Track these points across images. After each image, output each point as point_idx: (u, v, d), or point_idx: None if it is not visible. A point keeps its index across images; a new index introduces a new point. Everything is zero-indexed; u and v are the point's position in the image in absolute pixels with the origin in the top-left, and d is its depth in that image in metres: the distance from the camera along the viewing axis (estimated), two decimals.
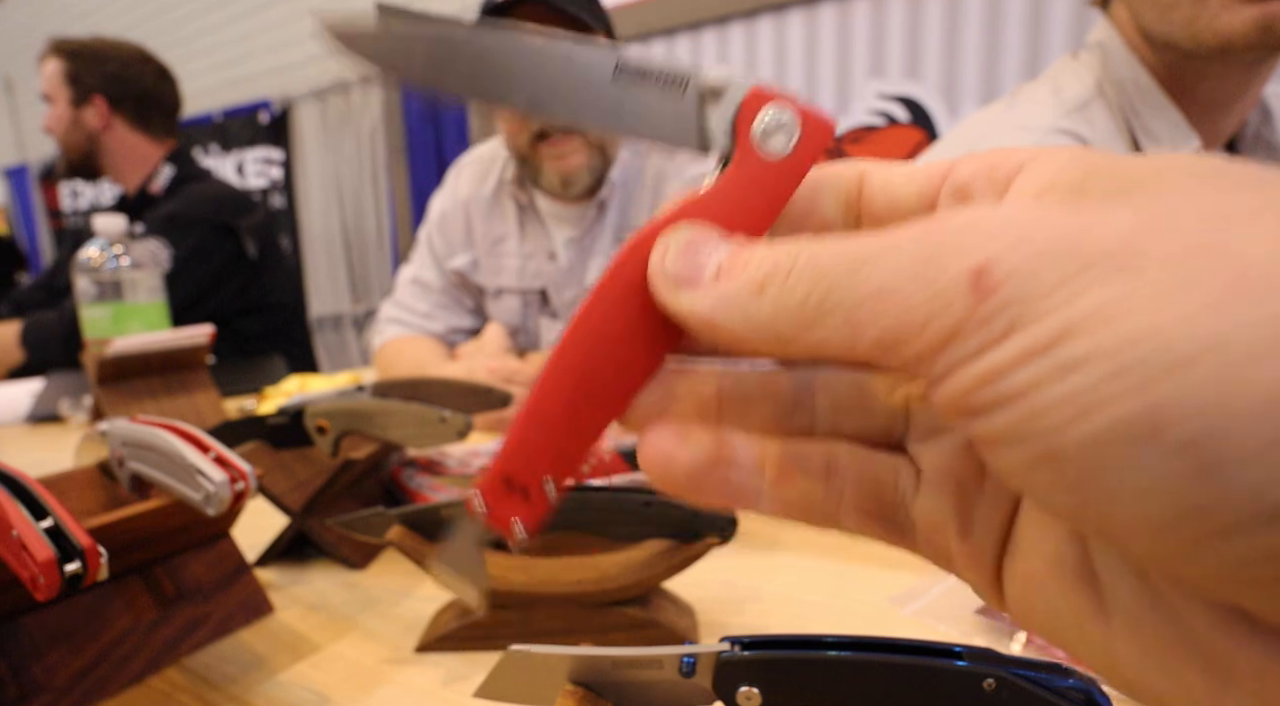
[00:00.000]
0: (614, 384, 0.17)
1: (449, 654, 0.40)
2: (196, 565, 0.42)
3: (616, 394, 0.17)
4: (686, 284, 0.15)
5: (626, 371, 0.17)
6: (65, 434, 0.95)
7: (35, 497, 0.32)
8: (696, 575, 0.40)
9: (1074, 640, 0.14)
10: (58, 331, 1.27)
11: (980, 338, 0.11)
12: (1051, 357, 0.11)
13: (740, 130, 0.16)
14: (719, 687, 0.24)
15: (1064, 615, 0.14)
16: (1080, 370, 0.10)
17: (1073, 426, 0.10)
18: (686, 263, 0.16)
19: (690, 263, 0.16)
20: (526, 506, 0.17)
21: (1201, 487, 0.10)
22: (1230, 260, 0.10)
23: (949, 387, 0.12)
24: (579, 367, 0.17)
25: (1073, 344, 0.10)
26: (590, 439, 0.17)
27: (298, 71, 3.01)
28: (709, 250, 0.16)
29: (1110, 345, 0.10)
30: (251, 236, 1.45)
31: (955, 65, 1.53)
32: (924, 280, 0.12)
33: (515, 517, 0.17)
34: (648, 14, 1.83)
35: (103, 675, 0.37)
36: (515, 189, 1.13)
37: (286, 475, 0.53)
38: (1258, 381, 0.09)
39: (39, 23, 3.86)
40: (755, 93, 0.16)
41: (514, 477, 0.17)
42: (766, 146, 0.16)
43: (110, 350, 0.63)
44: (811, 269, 0.14)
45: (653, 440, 0.17)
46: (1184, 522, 0.10)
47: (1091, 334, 0.10)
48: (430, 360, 1.04)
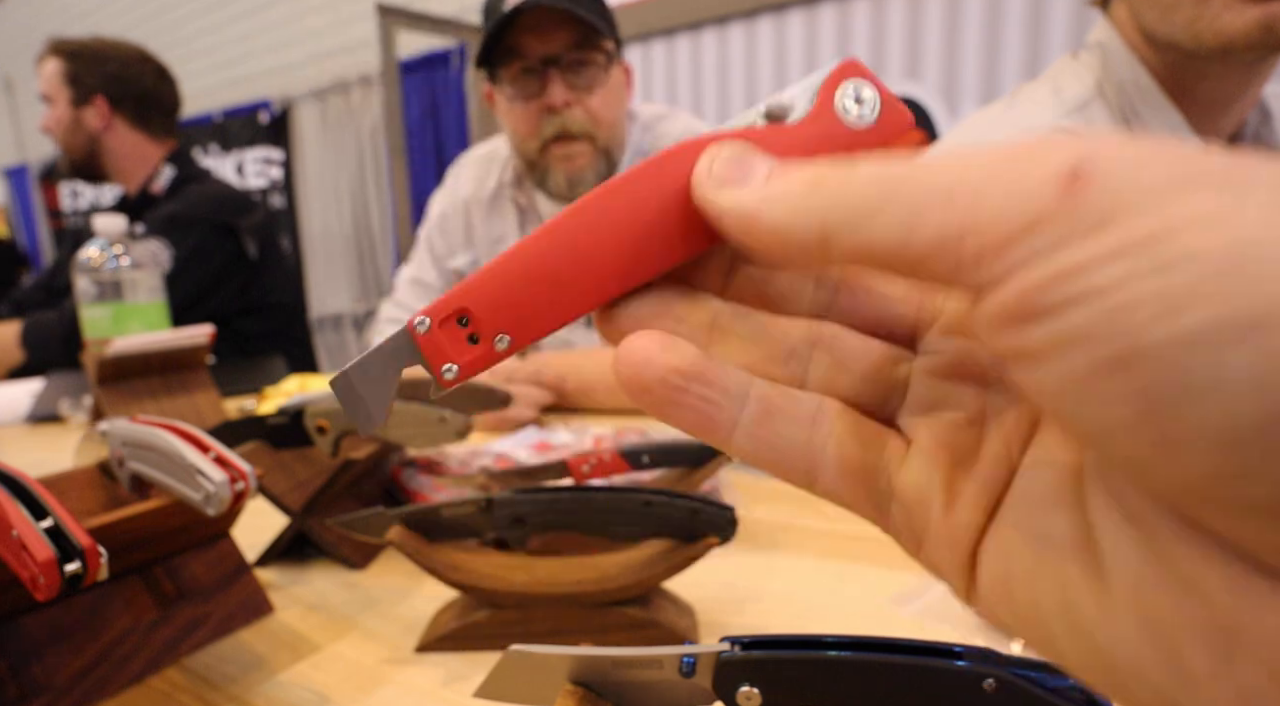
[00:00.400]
0: (610, 268, 0.16)
1: (449, 654, 0.40)
2: (196, 565, 0.42)
3: (608, 278, 0.16)
4: (732, 183, 0.15)
5: (629, 261, 0.16)
6: (65, 434, 0.95)
7: (35, 497, 0.32)
8: (696, 575, 0.40)
9: (1054, 632, 0.13)
10: (58, 331, 1.27)
11: (1063, 230, 0.11)
12: (1148, 254, 0.10)
13: (825, 92, 0.16)
14: (719, 687, 0.24)
15: (1047, 600, 0.13)
16: (1179, 267, 0.10)
17: (1160, 323, 0.10)
18: (735, 169, 0.15)
19: (739, 169, 0.15)
20: (468, 352, 0.17)
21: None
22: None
23: (1012, 286, 0.11)
24: (581, 239, 0.16)
25: (1174, 242, 0.10)
26: (563, 313, 0.16)
27: (298, 71, 3.02)
28: (759, 162, 0.15)
29: (1216, 246, 0.10)
30: (252, 236, 1.45)
31: (955, 65, 1.53)
32: (1006, 179, 0.12)
33: (451, 360, 0.17)
34: (648, 14, 1.83)
35: (103, 675, 0.37)
36: (515, 190, 1.13)
37: (286, 475, 0.53)
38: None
39: (39, 23, 3.86)
40: (850, 63, 0.16)
41: (470, 316, 0.16)
42: (845, 113, 0.16)
43: (110, 350, 0.63)
44: (876, 172, 0.14)
45: (635, 340, 0.16)
46: (1262, 433, 0.10)
47: (1196, 234, 0.10)
48: None
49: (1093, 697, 0.22)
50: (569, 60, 0.96)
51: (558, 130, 0.99)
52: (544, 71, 0.96)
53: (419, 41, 2.50)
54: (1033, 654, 0.24)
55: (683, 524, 0.39)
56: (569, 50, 0.95)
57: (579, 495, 0.41)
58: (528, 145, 1.02)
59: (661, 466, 0.54)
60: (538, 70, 0.96)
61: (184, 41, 3.38)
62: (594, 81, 0.98)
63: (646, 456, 0.53)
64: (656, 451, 0.53)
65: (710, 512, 0.39)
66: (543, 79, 0.97)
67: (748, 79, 1.76)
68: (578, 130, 0.99)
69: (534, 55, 0.95)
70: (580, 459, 0.52)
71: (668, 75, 1.87)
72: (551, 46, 0.95)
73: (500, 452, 0.67)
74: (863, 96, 0.16)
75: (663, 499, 0.40)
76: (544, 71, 0.96)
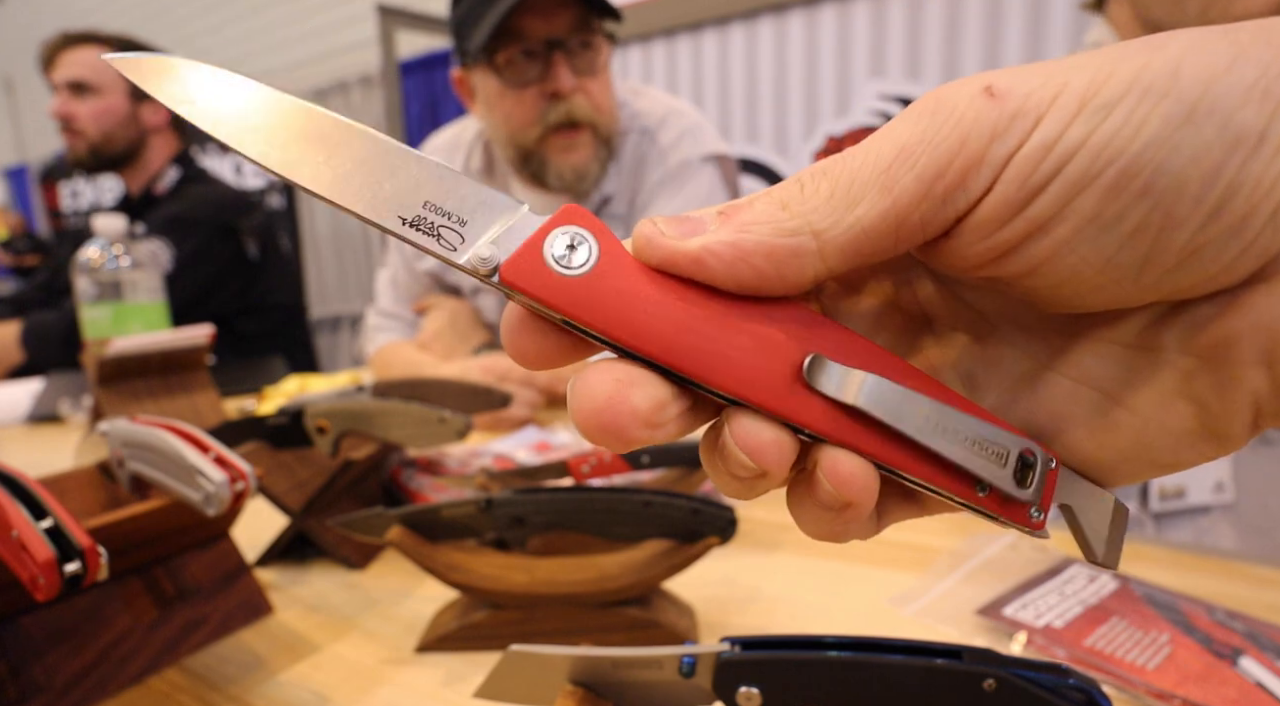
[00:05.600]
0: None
1: (449, 654, 0.40)
2: (196, 565, 0.42)
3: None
4: (691, 234, 0.16)
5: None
6: (65, 434, 0.95)
7: (35, 498, 0.32)
8: (696, 575, 0.40)
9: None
10: (58, 331, 1.27)
11: (1024, 122, 0.14)
12: (1092, 105, 0.14)
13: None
14: (719, 688, 0.24)
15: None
16: (1120, 103, 0.14)
17: (1138, 137, 0.13)
18: (682, 224, 0.16)
19: (686, 223, 0.16)
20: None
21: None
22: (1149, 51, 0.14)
23: (1006, 182, 0.14)
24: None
25: (1105, 91, 0.14)
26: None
27: (298, 71, 3.02)
28: (698, 214, 0.16)
29: (1124, 87, 0.14)
30: (252, 237, 1.45)
31: (955, 65, 1.53)
32: (940, 116, 0.15)
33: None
34: (648, 14, 1.83)
35: (103, 675, 0.37)
36: (485, 178, 1.08)
37: (286, 475, 0.53)
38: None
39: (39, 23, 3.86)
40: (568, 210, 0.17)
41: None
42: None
43: (110, 350, 0.63)
44: (825, 173, 0.16)
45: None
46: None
47: (1109, 84, 0.14)
48: (424, 362, 1.03)
49: (1093, 698, 0.22)
50: (572, 43, 0.91)
51: (563, 117, 0.93)
52: (548, 55, 0.91)
53: (419, 41, 2.50)
54: (1033, 654, 0.23)
55: (683, 524, 0.39)
56: (572, 32, 0.90)
57: (579, 495, 0.41)
58: (526, 134, 0.96)
59: (661, 466, 0.54)
60: (540, 54, 0.91)
61: (184, 41, 3.37)
62: (594, 64, 0.93)
63: (646, 456, 0.53)
64: (656, 451, 0.53)
65: (710, 512, 0.39)
66: (546, 63, 0.91)
67: (748, 80, 1.76)
68: (583, 117, 0.94)
69: (536, 37, 0.90)
70: (580, 459, 0.52)
71: (668, 76, 1.87)
72: (555, 28, 0.90)
73: (500, 452, 0.67)
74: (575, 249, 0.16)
75: (663, 499, 0.40)
76: (548, 55, 0.91)
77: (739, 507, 0.40)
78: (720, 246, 0.15)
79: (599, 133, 0.97)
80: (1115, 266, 0.15)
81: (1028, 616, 0.39)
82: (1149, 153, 0.14)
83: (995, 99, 0.14)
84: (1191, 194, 0.14)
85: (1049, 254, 0.15)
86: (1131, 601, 0.41)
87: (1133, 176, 0.14)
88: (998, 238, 0.15)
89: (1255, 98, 0.13)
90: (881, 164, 0.15)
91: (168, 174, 1.48)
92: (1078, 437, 0.17)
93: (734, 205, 0.16)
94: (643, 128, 1.04)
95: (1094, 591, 0.42)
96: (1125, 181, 0.14)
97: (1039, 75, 0.14)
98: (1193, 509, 0.70)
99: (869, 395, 0.15)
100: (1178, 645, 0.36)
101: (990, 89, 0.14)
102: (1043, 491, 0.17)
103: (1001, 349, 0.18)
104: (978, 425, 0.16)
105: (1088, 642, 0.37)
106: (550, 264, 0.16)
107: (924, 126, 0.15)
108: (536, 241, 0.16)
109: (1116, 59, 0.14)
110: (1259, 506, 0.69)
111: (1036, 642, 0.37)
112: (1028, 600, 0.41)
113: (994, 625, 0.39)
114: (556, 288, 0.15)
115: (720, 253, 0.15)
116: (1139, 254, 0.14)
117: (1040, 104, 0.14)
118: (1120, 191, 0.14)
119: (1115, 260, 0.15)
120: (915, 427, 0.16)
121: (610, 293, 0.16)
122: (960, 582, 0.44)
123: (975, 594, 0.42)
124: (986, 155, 0.14)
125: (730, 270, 0.15)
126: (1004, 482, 0.16)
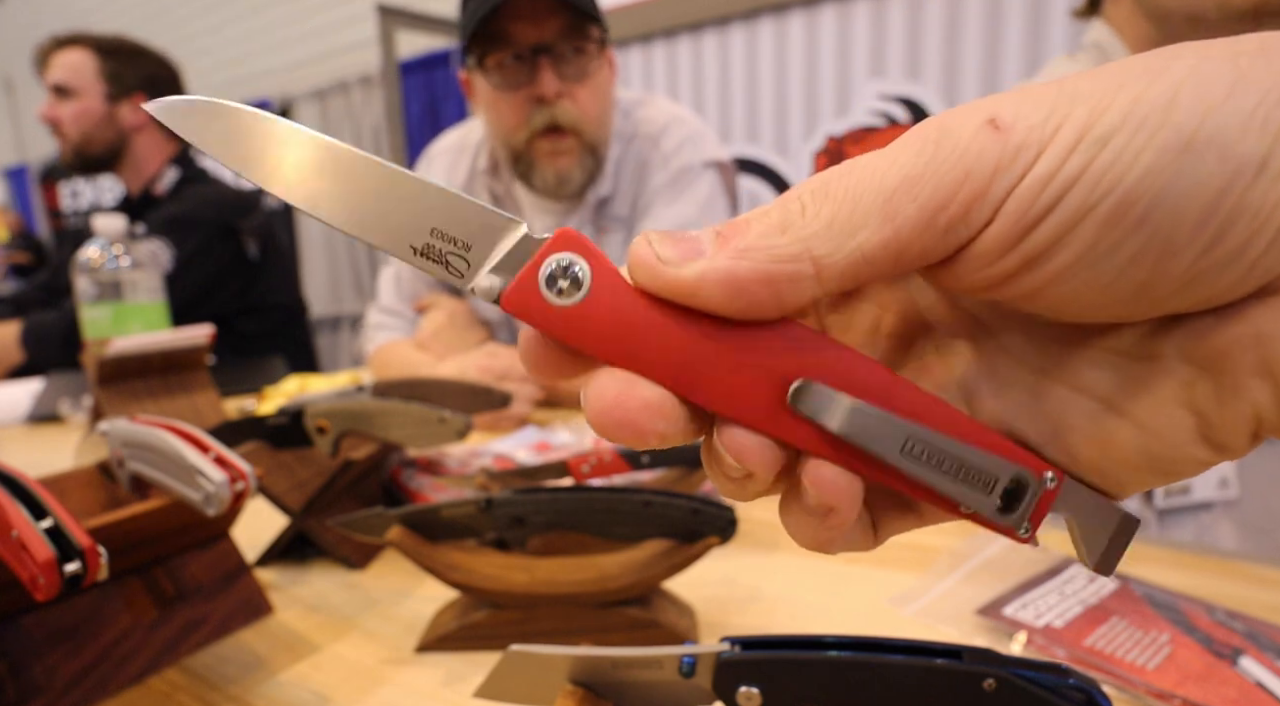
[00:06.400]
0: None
1: (449, 654, 0.40)
2: (196, 565, 0.42)
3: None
4: (687, 258, 0.16)
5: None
6: (65, 434, 0.95)
7: (35, 497, 0.32)
8: (696, 575, 0.41)
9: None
10: (58, 331, 1.27)
11: (1027, 155, 0.14)
12: (1089, 137, 0.14)
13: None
14: (719, 687, 0.24)
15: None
16: (1116, 135, 0.14)
17: (1134, 168, 0.14)
18: (679, 245, 0.16)
19: (683, 244, 0.16)
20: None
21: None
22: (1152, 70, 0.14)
23: (1006, 215, 0.14)
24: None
25: (1102, 122, 0.14)
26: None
27: (298, 71, 3.02)
28: (694, 234, 0.16)
29: (1120, 118, 0.14)
30: (253, 237, 1.45)
31: (955, 65, 1.53)
32: (945, 147, 0.15)
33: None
34: (648, 15, 1.83)
35: (103, 675, 0.37)
36: (490, 179, 1.10)
37: (286, 475, 0.53)
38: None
39: (39, 23, 3.86)
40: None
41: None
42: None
43: (110, 350, 0.63)
44: (826, 194, 0.16)
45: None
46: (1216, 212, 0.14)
47: (1106, 116, 0.14)
48: (421, 362, 1.03)
49: (1093, 698, 0.22)
50: (560, 49, 0.94)
51: (547, 122, 0.96)
52: (534, 60, 0.94)
53: (419, 41, 2.50)
54: (1033, 654, 0.23)
55: (683, 524, 0.39)
56: (560, 38, 0.93)
57: (579, 495, 0.41)
58: (515, 137, 1.00)
59: (661, 466, 0.54)
60: (528, 58, 0.94)
61: (184, 41, 3.37)
62: (584, 72, 0.96)
63: (646, 456, 0.53)
64: (656, 451, 0.53)
65: (710, 512, 0.39)
66: (533, 68, 0.94)
67: (748, 80, 1.76)
68: (567, 123, 0.97)
69: (524, 42, 0.93)
70: (580, 459, 0.52)
71: (668, 76, 1.87)
72: (543, 33, 0.93)
73: (500, 452, 0.67)
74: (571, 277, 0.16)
75: (663, 499, 0.40)
76: (534, 60, 0.94)
77: (739, 508, 0.40)
78: (716, 275, 0.15)
79: (584, 139, 0.99)
80: (1115, 290, 0.15)
81: (1028, 616, 0.39)
82: (1145, 183, 0.14)
83: (999, 132, 0.14)
84: (1191, 222, 0.14)
85: (1048, 280, 0.15)
86: (1131, 601, 0.41)
87: (1129, 206, 0.14)
88: (998, 266, 0.15)
89: (1255, 126, 0.13)
90: (885, 191, 0.15)
91: (167, 174, 1.48)
92: (1078, 446, 0.17)
93: (733, 225, 0.16)
94: (646, 134, 1.08)
95: (1094, 591, 0.42)
96: (1122, 211, 0.14)
97: (1043, 107, 0.14)
98: (1197, 505, 0.70)
99: (849, 422, 0.16)
100: (1178, 645, 0.36)
101: (995, 121, 0.14)
102: (1031, 513, 0.17)
103: (1001, 357, 0.18)
104: (965, 451, 0.16)
105: (1088, 642, 0.37)
106: (545, 295, 0.16)
107: (928, 157, 0.15)
108: (531, 272, 0.16)
109: (1116, 88, 0.14)
110: (1262, 505, 0.69)
111: (1036, 642, 0.37)
112: (1028, 600, 0.41)
113: (994, 625, 0.39)
114: (552, 317, 0.16)
115: (717, 281, 0.15)
116: (1138, 280, 0.15)
117: (1043, 138, 0.14)
118: (1118, 221, 0.14)
119: (1115, 285, 0.15)
120: (895, 455, 0.16)
121: (604, 321, 0.16)
122: (960, 582, 0.44)
123: (975, 594, 0.42)
124: (989, 190, 0.14)
125: (727, 300, 0.16)
126: (986, 510, 0.17)
